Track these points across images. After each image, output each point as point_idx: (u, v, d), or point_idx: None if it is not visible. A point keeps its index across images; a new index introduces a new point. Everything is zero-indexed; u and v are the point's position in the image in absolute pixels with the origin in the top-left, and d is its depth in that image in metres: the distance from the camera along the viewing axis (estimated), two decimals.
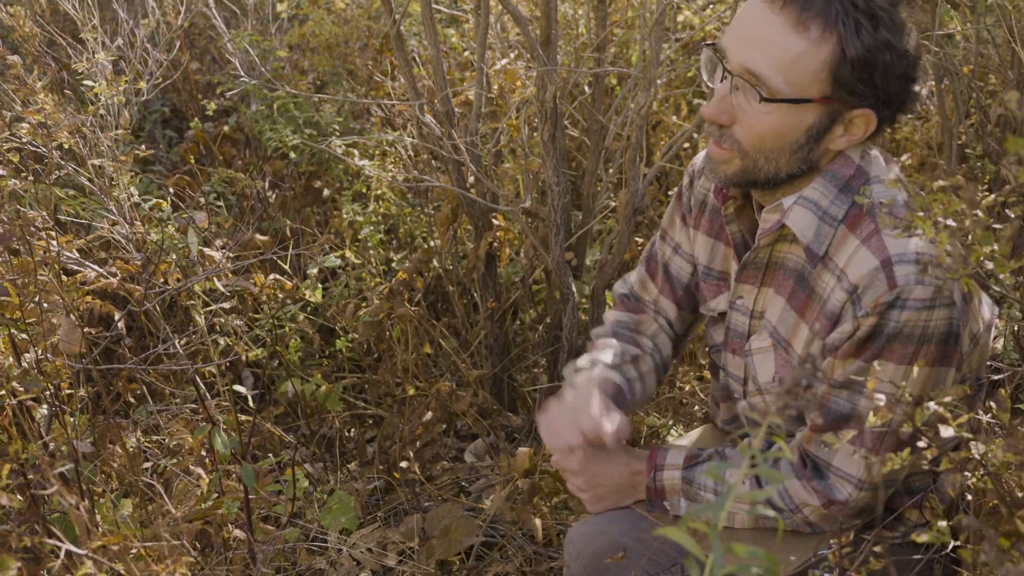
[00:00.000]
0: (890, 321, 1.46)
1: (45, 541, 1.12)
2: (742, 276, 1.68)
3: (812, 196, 1.54)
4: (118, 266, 2.08)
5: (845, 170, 1.53)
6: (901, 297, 1.45)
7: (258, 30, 3.83)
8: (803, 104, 1.45)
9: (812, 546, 1.59)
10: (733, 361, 1.79)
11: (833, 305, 1.53)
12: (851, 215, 1.52)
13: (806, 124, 1.47)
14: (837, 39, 1.42)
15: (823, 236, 1.53)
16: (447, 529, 2.27)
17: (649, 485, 1.72)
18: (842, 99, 1.45)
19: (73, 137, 2.00)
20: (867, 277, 1.47)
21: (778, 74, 1.44)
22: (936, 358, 1.48)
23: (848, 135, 1.49)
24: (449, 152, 2.68)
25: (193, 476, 1.93)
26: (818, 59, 1.43)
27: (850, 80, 1.43)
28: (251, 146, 3.76)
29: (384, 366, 2.90)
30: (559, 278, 2.75)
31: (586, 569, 1.70)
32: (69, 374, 1.66)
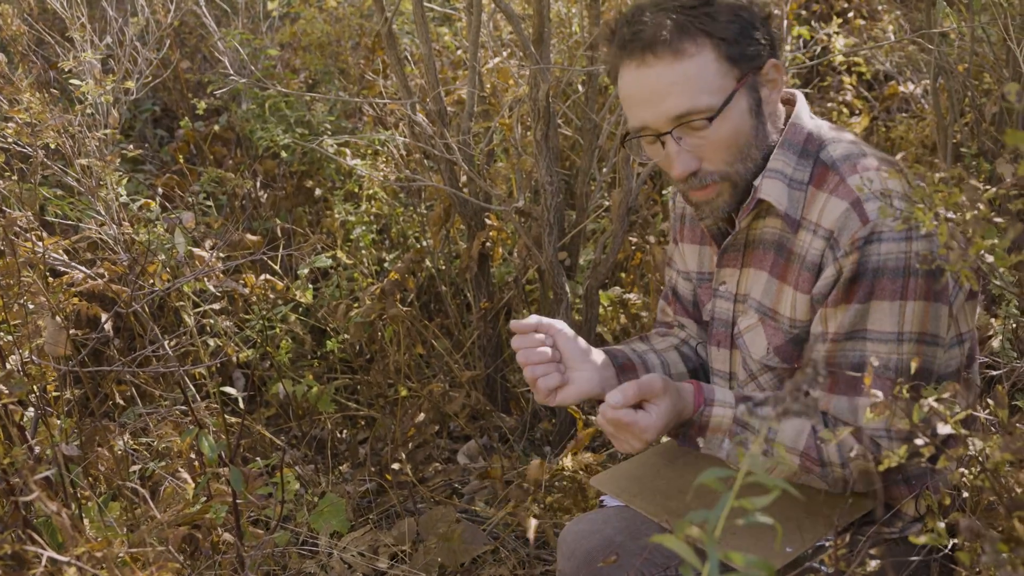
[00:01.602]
0: (871, 255, 1.52)
1: (27, 548, 1.09)
2: (723, 260, 1.75)
3: (776, 167, 1.63)
4: (105, 267, 2.05)
5: (797, 137, 1.64)
6: (876, 231, 1.51)
7: (249, 29, 3.80)
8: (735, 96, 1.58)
9: (809, 537, 1.57)
10: (718, 355, 1.81)
11: (813, 256, 1.59)
12: (816, 175, 1.62)
13: (744, 108, 1.60)
14: (705, 37, 1.57)
15: (795, 201, 1.62)
16: (448, 535, 2.24)
17: (694, 420, 1.63)
18: (752, 68, 1.59)
19: (60, 136, 1.98)
20: (840, 219, 1.54)
21: (700, 96, 1.57)
22: (927, 292, 1.52)
23: (773, 88, 1.62)
24: (441, 151, 2.66)
25: (181, 480, 1.90)
26: (710, 61, 1.57)
27: (740, 53, 1.58)
28: (242, 145, 3.73)
29: (376, 367, 2.87)
30: (552, 278, 2.73)
31: (579, 569, 1.68)
32: (55, 376, 1.63)
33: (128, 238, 2.09)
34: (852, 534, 1.60)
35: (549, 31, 2.55)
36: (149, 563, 1.27)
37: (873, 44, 3.69)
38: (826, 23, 3.75)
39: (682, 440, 1.66)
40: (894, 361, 1.53)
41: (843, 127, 1.70)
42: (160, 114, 4.44)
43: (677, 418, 1.60)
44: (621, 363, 1.79)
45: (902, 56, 3.89)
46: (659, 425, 1.56)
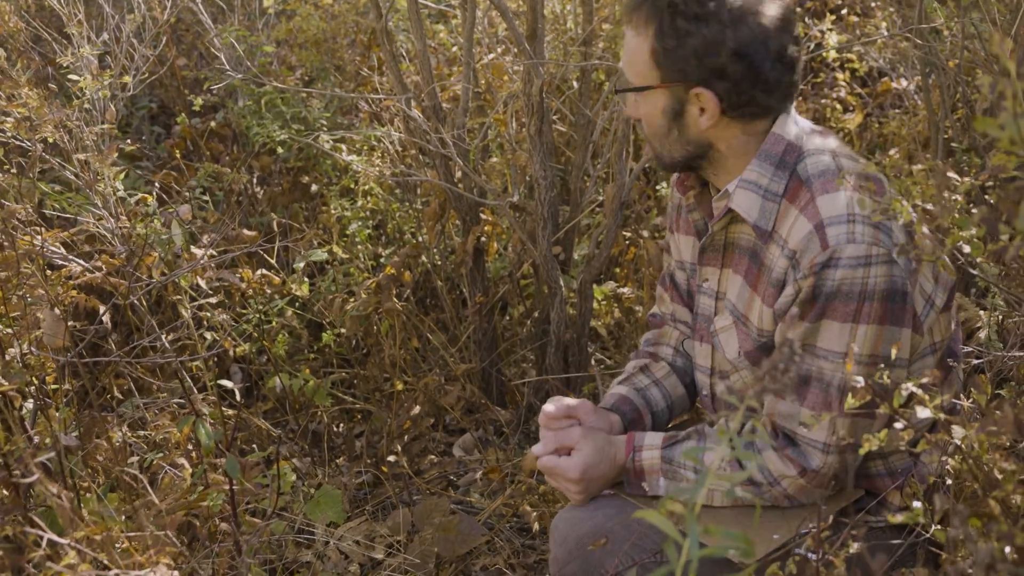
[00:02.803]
0: (827, 280, 1.56)
1: (28, 531, 1.12)
2: (703, 259, 1.81)
3: (750, 177, 1.67)
4: (103, 260, 2.07)
5: (776, 147, 1.66)
6: (834, 256, 1.55)
7: (245, 25, 3.82)
8: (651, 91, 1.66)
9: (794, 524, 1.61)
10: (700, 350, 1.87)
11: (778, 273, 1.64)
12: (790, 188, 1.65)
13: (660, 108, 1.67)
14: (654, 31, 1.62)
15: (768, 212, 1.66)
16: (444, 526, 2.26)
17: (628, 466, 1.75)
18: (676, 82, 1.63)
19: (58, 131, 2.00)
20: (803, 241, 1.59)
21: (628, 69, 1.69)
22: (882, 316, 1.56)
23: (704, 114, 1.64)
24: (436, 147, 2.68)
25: (179, 468, 1.92)
26: (644, 51, 1.64)
27: (670, 64, 1.62)
28: (238, 142, 3.75)
29: (372, 361, 2.89)
30: (547, 272, 2.75)
31: (570, 554, 1.72)
32: (54, 367, 1.65)
33: (126, 232, 2.11)
34: (836, 521, 1.64)
35: (543, 27, 2.58)
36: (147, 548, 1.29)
37: (866, 40, 3.71)
38: (820, 20, 3.77)
39: (628, 488, 1.77)
40: (837, 379, 1.59)
41: (829, 132, 1.73)
42: (156, 111, 4.46)
43: (611, 464, 1.75)
44: (630, 419, 1.90)
45: (895, 53, 3.91)
46: (580, 466, 1.72)
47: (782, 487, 1.65)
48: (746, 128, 1.66)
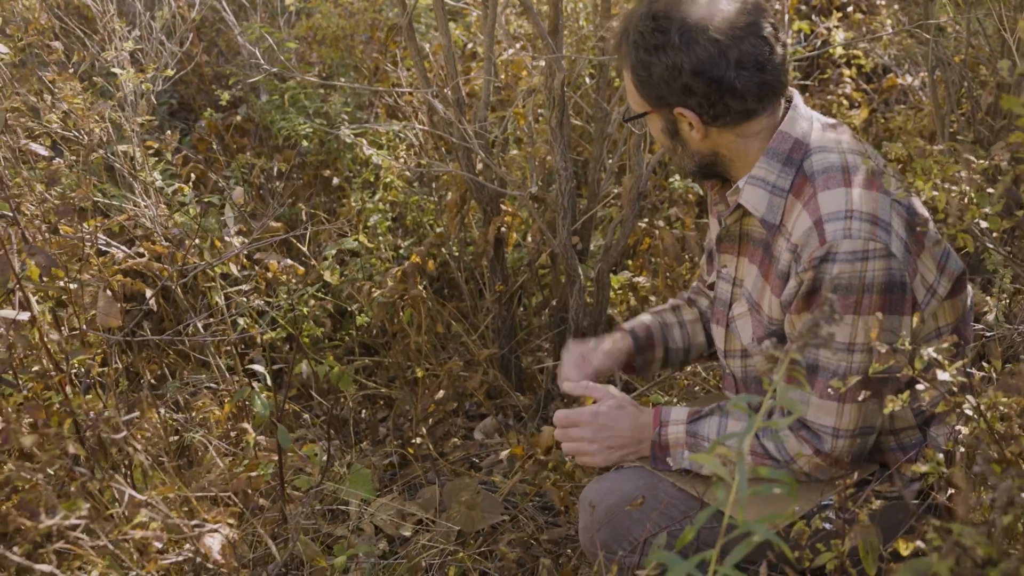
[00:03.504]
0: (825, 274, 1.65)
1: (113, 485, 1.20)
2: (721, 248, 1.92)
3: (759, 174, 1.77)
4: (146, 247, 2.16)
5: (783, 145, 1.75)
6: (831, 252, 1.64)
7: (267, 22, 3.90)
8: (647, 116, 1.82)
9: (815, 496, 1.69)
10: (717, 332, 1.98)
11: (783, 265, 1.74)
12: (796, 184, 1.74)
13: (659, 129, 1.83)
14: (629, 67, 1.78)
15: (775, 207, 1.75)
16: (470, 504, 2.35)
17: (654, 440, 1.84)
18: (659, 107, 1.78)
19: (103, 123, 2.08)
20: (804, 236, 1.68)
21: (629, 100, 1.85)
22: (881, 307, 1.64)
23: (694, 129, 1.77)
24: (460, 139, 2.77)
25: (228, 443, 2.01)
26: (631, 84, 1.80)
27: (649, 93, 1.77)
28: (260, 136, 3.83)
29: (396, 347, 2.98)
30: (566, 260, 2.83)
31: (599, 522, 1.80)
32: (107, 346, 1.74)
33: (170, 220, 2.20)
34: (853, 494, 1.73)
35: (562, 22, 2.66)
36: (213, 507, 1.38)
37: (871, 37, 3.80)
38: (826, 17, 3.85)
39: (654, 463, 1.85)
40: (843, 368, 1.67)
41: (843, 127, 1.81)
42: (177, 107, 4.54)
43: (632, 422, 1.84)
44: (641, 344, 2.08)
45: (900, 49, 4.00)
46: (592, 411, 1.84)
47: (799, 465, 1.74)
48: (739, 132, 1.76)
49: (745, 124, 1.75)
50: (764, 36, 1.70)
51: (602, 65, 3.00)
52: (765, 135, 1.77)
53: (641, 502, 1.76)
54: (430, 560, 2.16)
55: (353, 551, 2.09)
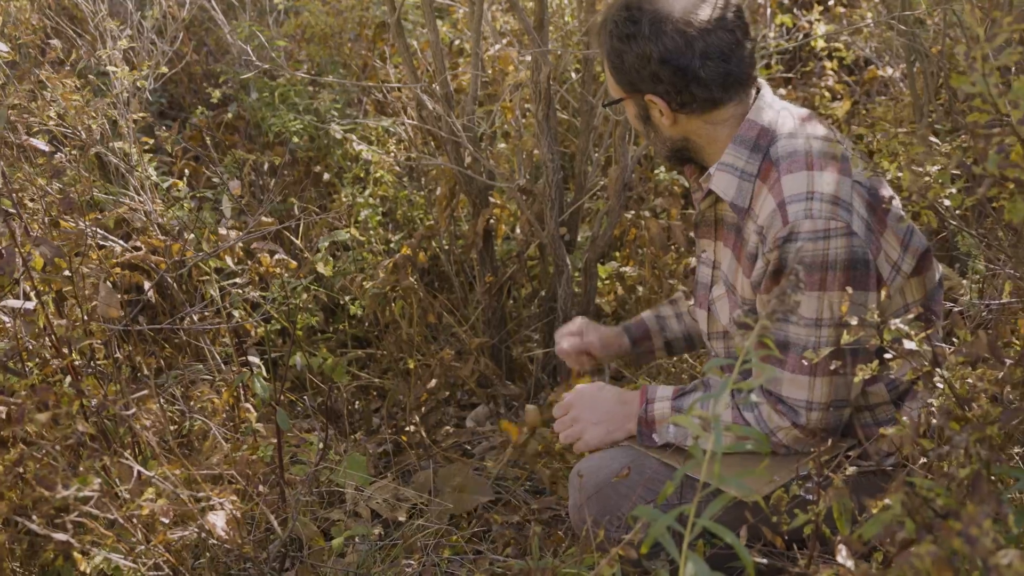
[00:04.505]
0: (789, 253, 1.74)
1: (122, 462, 1.25)
2: (699, 233, 2.02)
3: (727, 160, 1.86)
4: (142, 240, 2.21)
5: (750, 132, 1.85)
6: (794, 231, 1.73)
7: (255, 21, 3.94)
8: (623, 102, 1.93)
9: (793, 468, 1.77)
10: (700, 315, 2.06)
11: (751, 247, 1.83)
12: (763, 169, 1.83)
13: (634, 115, 1.94)
14: (604, 56, 1.89)
15: (744, 191, 1.84)
16: (459, 486, 2.42)
17: (641, 416, 1.92)
18: (632, 93, 1.88)
19: (98, 120, 2.13)
20: (769, 218, 1.77)
21: (608, 87, 1.96)
22: (846, 283, 1.73)
23: (664, 116, 1.88)
24: (449, 133, 2.82)
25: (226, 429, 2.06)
26: (608, 72, 1.91)
27: (622, 79, 1.88)
28: (251, 134, 3.88)
29: (388, 339, 3.03)
30: (554, 251, 2.89)
31: (588, 497, 1.87)
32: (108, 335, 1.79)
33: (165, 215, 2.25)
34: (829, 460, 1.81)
35: (548, 17, 2.72)
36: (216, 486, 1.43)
37: (852, 29, 3.86)
38: (807, 11, 3.92)
39: (640, 440, 1.93)
40: (811, 343, 1.75)
41: (811, 115, 1.90)
42: (167, 106, 4.58)
43: (616, 399, 1.96)
44: (635, 337, 2.22)
45: (880, 41, 4.06)
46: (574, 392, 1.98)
47: (778, 438, 1.82)
48: (707, 119, 1.86)
49: (712, 112, 1.85)
50: (731, 30, 1.80)
51: (587, 59, 3.06)
52: (734, 123, 1.86)
53: (627, 472, 1.83)
54: (425, 541, 2.22)
55: (350, 532, 2.15)
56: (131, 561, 1.39)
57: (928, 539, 0.92)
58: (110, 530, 1.36)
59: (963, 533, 0.84)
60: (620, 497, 1.84)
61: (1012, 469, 1.29)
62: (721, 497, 0.95)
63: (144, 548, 1.42)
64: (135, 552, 1.43)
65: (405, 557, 2.17)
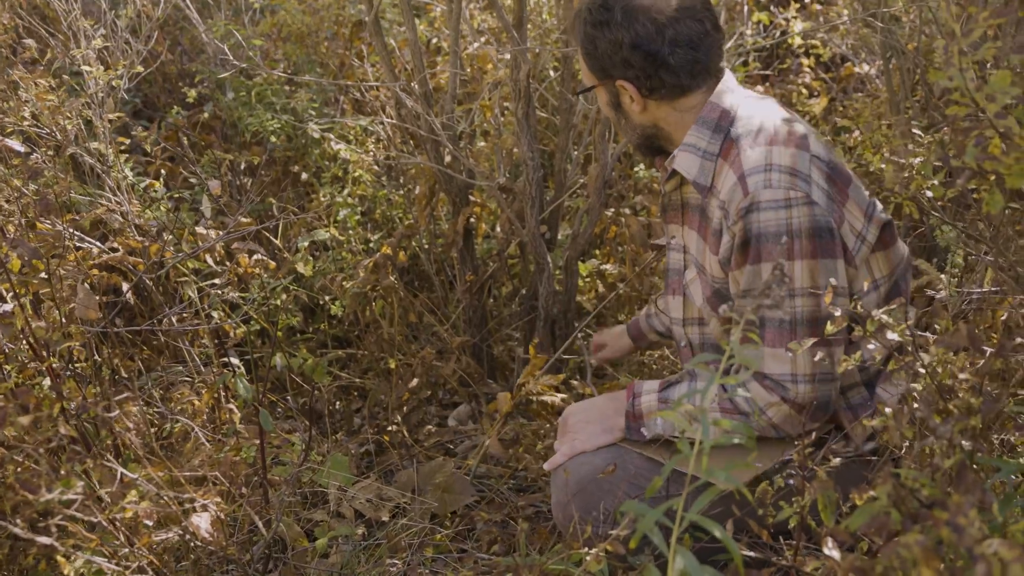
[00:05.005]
0: (752, 224, 1.78)
1: (104, 465, 1.24)
2: (667, 218, 2.07)
3: (690, 141, 1.92)
4: (119, 241, 2.18)
5: (712, 114, 1.91)
6: (754, 202, 1.78)
7: (231, 20, 3.92)
8: (595, 89, 1.98)
9: (776, 455, 1.78)
10: (674, 303, 2.09)
11: (716, 223, 1.87)
12: (724, 148, 1.89)
13: (605, 102, 1.99)
14: (579, 42, 1.95)
15: (706, 171, 1.90)
16: (442, 486, 2.41)
17: (628, 411, 1.94)
18: (604, 79, 1.94)
19: (73, 120, 2.11)
20: (730, 191, 1.82)
21: (582, 75, 2.02)
22: (813, 251, 1.76)
23: (634, 102, 1.94)
24: (428, 132, 2.81)
25: (207, 431, 2.04)
26: (582, 59, 1.97)
27: (595, 66, 1.94)
28: (227, 134, 3.85)
29: (369, 339, 3.02)
30: (535, 249, 2.89)
31: (572, 496, 1.87)
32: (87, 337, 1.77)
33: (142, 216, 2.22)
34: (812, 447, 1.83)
35: (526, 16, 2.71)
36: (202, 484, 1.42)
37: (829, 26, 3.89)
38: (784, 8, 3.94)
39: (628, 434, 1.94)
40: (788, 314, 1.77)
41: (769, 98, 1.97)
42: (141, 106, 4.54)
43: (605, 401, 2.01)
44: (633, 336, 2.43)
45: (857, 39, 4.09)
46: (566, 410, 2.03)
47: (768, 416, 1.82)
48: (675, 105, 1.92)
49: (680, 99, 1.91)
50: (699, 20, 1.86)
51: (566, 57, 3.06)
52: (698, 110, 1.92)
53: (612, 469, 1.83)
54: (409, 541, 2.21)
55: (334, 533, 2.14)
56: (115, 564, 1.37)
57: (915, 529, 0.93)
58: (92, 533, 1.35)
59: (950, 523, 0.85)
60: (604, 493, 1.84)
61: (994, 460, 1.30)
62: (709, 491, 0.95)
63: (128, 551, 1.40)
64: (118, 555, 1.42)
65: (389, 557, 2.17)
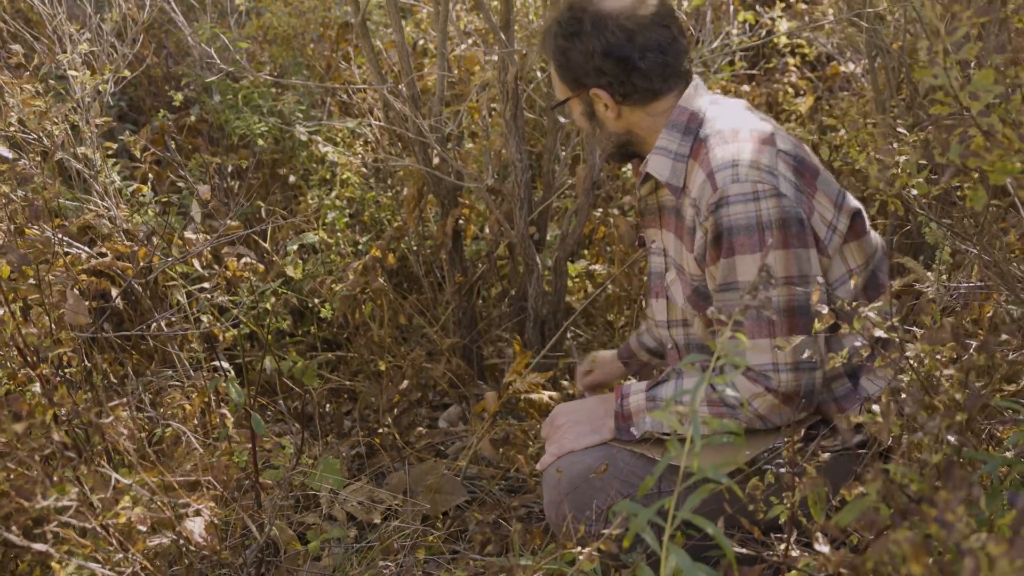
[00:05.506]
0: (723, 218, 1.82)
1: (98, 471, 1.24)
2: (645, 223, 2.11)
3: (662, 144, 1.96)
4: (108, 246, 2.18)
5: (681, 117, 1.96)
6: (723, 196, 1.82)
7: (216, 22, 3.91)
8: (569, 101, 2.02)
9: (761, 443, 1.81)
10: (658, 306, 2.12)
11: (689, 221, 1.92)
12: (694, 149, 1.93)
13: (580, 112, 2.03)
14: (551, 56, 2.00)
15: (678, 172, 1.94)
16: (434, 487, 2.41)
17: (617, 411, 1.97)
18: (578, 89, 1.98)
19: (60, 125, 2.10)
20: (700, 188, 1.87)
21: (555, 90, 2.06)
22: (785, 241, 1.80)
23: (609, 110, 1.98)
24: (416, 134, 2.81)
25: (198, 435, 2.04)
26: (554, 73, 2.02)
27: (568, 77, 1.98)
28: (214, 137, 3.84)
29: (358, 341, 3.02)
30: (524, 251, 2.90)
31: (563, 494, 1.88)
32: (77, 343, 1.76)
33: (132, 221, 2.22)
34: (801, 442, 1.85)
35: (513, 17, 2.72)
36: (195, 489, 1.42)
37: (814, 26, 3.91)
38: (770, 7, 3.96)
39: (618, 433, 1.97)
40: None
41: (739, 100, 2.02)
42: (127, 110, 4.53)
43: (594, 404, 2.04)
44: (625, 359, 2.44)
45: (842, 38, 4.11)
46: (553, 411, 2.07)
47: (754, 407, 1.84)
48: (648, 111, 1.97)
49: (653, 103, 1.95)
50: (666, 26, 1.92)
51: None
52: (671, 114, 1.96)
53: (605, 469, 1.84)
54: (401, 543, 2.22)
55: (326, 536, 2.14)
56: (108, 570, 1.37)
57: (905, 526, 0.94)
58: (85, 539, 1.35)
59: (938, 519, 0.86)
60: (595, 491, 1.86)
61: (980, 454, 1.31)
62: (700, 490, 0.96)
63: (122, 557, 1.40)
64: (112, 561, 1.42)
65: (382, 559, 2.17)
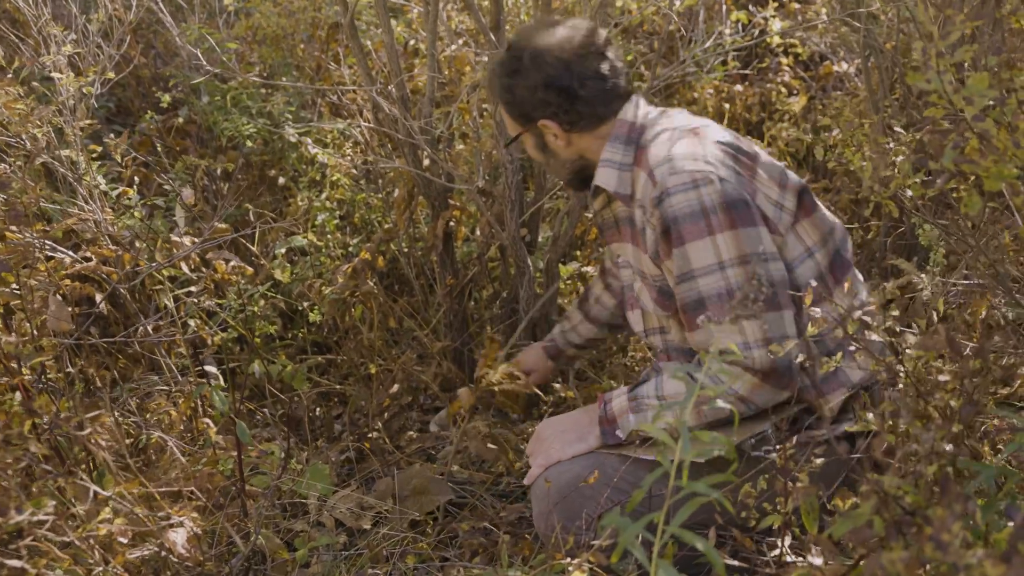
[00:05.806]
0: (667, 210, 1.88)
1: (77, 482, 1.21)
2: (607, 238, 2.17)
3: (607, 156, 2.04)
4: (92, 251, 2.15)
5: (621, 130, 2.03)
6: (664, 189, 1.89)
7: (205, 23, 3.88)
8: (521, 137, 2.13)
9: (749, 430, 1.81)
10: (633, 317, 2.15)
11: (639, 223, 1.98)
12: (637, 157, 2.00)
13: (533, 146, 2.13)
14: (497, 96, 2.10)
15: (624, 180, 2.01)
16: (419, 488, 2.40)
17: (602, 416, 1.98)
18: (527, 124, 2.08)
19: (43, 128, 2.07)
20: (643, 187, 1.94)
21: (507, 126, 2.16)
22: (732, 222, 1.85)
23: (558, 138, 2.08)
24: (405, 135, 2.79)
25: (184, 442, 2.01)
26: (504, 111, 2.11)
27: (516, 113, 2.08)
28: (202, 138, 3.81)
29: (348, 344, 3.00)
30: (515, 252, 2.87)
31: (553, 504, 1.86)
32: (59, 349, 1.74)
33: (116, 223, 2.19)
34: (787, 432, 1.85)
35: (504, 18, 2.70)
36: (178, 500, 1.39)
37: (807, 25, 3.89)
38: (763, 7, 3.94)
39: (604, 438, 1.98)
40: (723, 287, 1.83)
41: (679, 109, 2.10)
42: (115, 111, 4.49)
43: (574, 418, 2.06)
44: (551, 355, 2.52)
45: (835, 37, 4.10)
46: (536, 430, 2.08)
47: (735, 389, 1.84)
48: (596, 135, 2.04)
49: (599, 127, 2.03)
50: (601, 53, 2.00)
51: None
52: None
53: (595, 477, 1.83)
54: (390, 550, 2.19)
55: (314, 543, 2.11)
56: None
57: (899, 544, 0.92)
58: (65, 552, 1.32)
59: (934, 538, 0.84)
60: (585, 500, 1.84)
61: (976, 463, 1.29)
62: (690, 503, 0.94)
63: (102, 569, 1.37)
64: (93, 574, 1.39)
65: (371, 566, 2.14)
